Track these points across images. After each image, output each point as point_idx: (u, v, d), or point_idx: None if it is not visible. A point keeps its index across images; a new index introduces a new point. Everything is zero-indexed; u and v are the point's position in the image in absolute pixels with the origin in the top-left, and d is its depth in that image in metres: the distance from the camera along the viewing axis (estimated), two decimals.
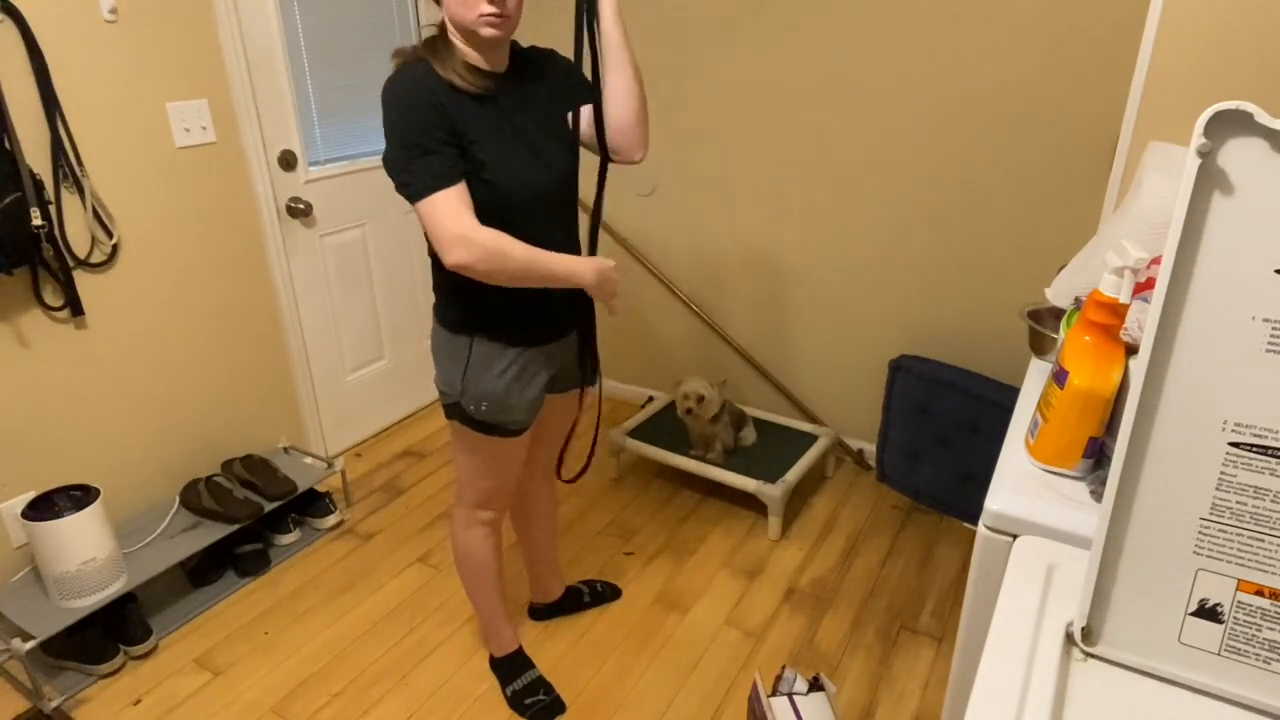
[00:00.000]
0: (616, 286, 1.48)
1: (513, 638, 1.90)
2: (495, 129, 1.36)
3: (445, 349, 1.52)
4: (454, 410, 1.55)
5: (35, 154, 1.88)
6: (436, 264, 1.48)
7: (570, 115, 1.49)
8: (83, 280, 2.02)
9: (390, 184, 2.84)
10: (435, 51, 1.34)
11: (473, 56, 1.36)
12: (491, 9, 1.28)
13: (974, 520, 1.57)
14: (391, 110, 1.30)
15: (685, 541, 2.40)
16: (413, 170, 1.29)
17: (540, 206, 1.43)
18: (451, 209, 1.29)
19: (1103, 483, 0.93)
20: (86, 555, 1.87)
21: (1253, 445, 0.69)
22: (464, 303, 1.46)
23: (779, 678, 1.64)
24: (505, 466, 1.63)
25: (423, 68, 1.32)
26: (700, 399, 2.39)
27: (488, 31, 1.31)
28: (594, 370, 1.72)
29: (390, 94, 1.31)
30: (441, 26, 1.37)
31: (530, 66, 1.45)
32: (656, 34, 2.63)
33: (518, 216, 1.39)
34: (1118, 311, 1.01)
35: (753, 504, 2.54)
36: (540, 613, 2.09)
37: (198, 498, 2.21)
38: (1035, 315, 1.42)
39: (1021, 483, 1.05)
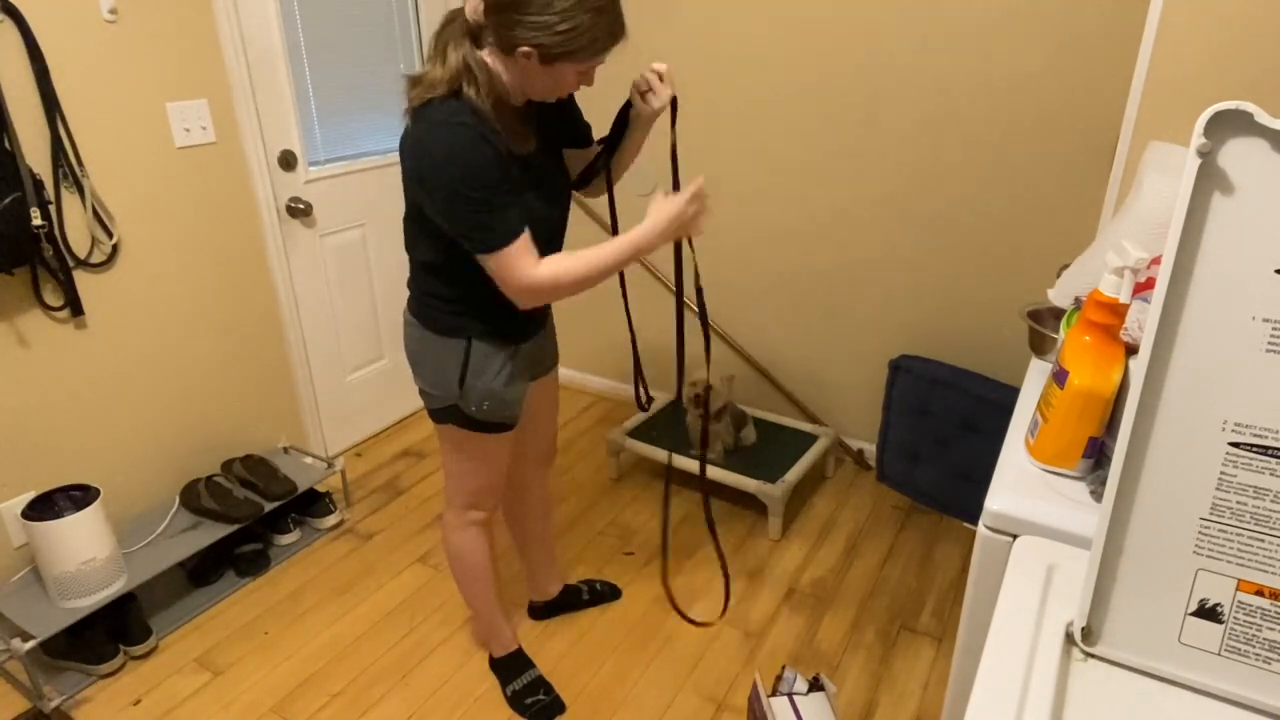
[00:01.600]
0: (701, 207, 1.45)
1: (512, 638, 1.90)
2: (525, 169, 1.41)
3: (438, 353, 1.51)
4: (448, 413, 1.55)
5: (35, 154, 1.88)
6: (423, 270, 1.48)
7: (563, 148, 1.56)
8: (83, 280, 2.02)
9: (391, 185, 2.84)
10: (474, 88, 1.30)
11: (506, 95, 1.35)
12: (576, 88, 1.37)
13: (974, 520, 1.57)
14: (454, 165, 1.26)
15: (685, 541, 2.40)
16: (488, 225, 1.30)
17: (549, 235, 1.49)
18: (525, 258, 1.33)
19: (1103, 483, 0.93)
20: (86, 555, 1.87)
21: (1253, 445, 0.69)
22: (459, 308, 1.47)
23: (779, 678, 1.64)
24: (497, 463, 1.65)
25: (470, 118, 1.28)
26: (709, 388, 2.40)
27: (554, 99, 1.39)
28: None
29: (449, 148, 1.26)
30: (472, 60, 1.31)
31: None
32: (655, 35, 2.63)
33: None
34: (1118, 311, 1.01)
35: (753, 504, 2.54)
36: (539, 611, 2.09)
37: (198, 498, 2.21)
38: (1035, 315, 1.42)
39: (1021, 483, 1.05)
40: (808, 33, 2.38)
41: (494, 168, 1.28)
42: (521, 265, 1.33)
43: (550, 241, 1.49)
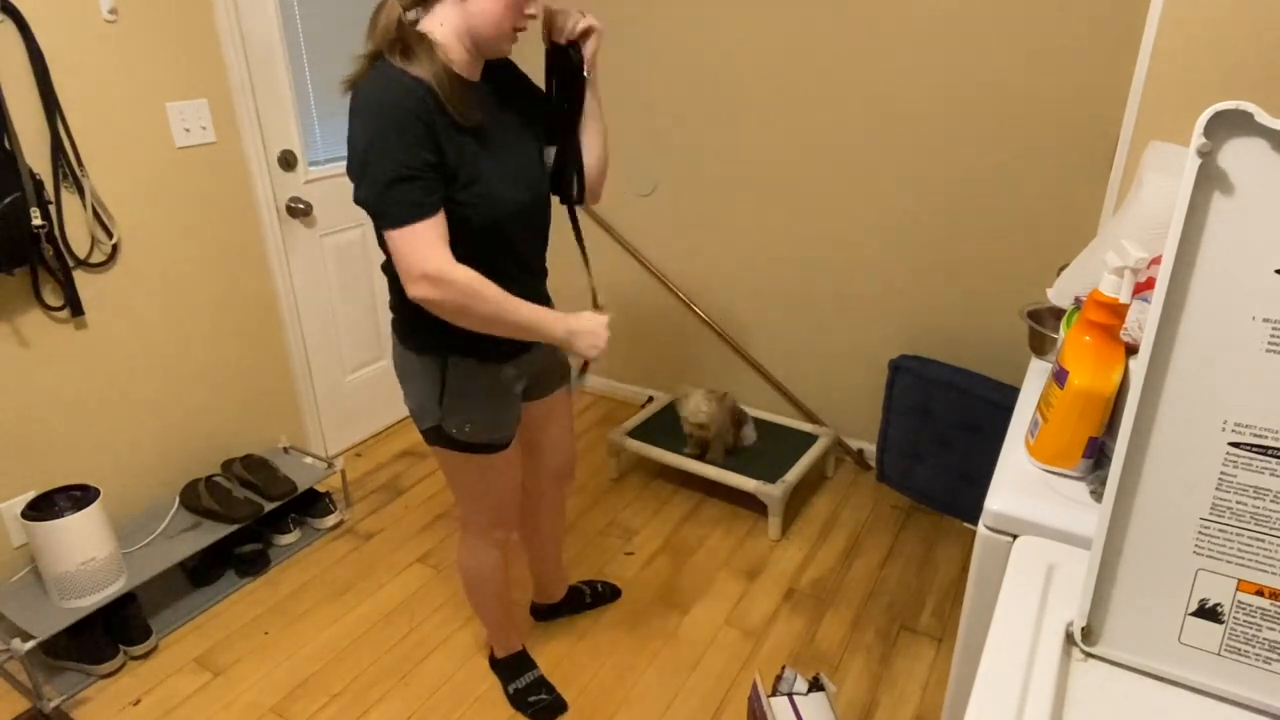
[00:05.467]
0: (602, 341, 1.37)
1: (517, 638, 1.90)
2: (480, 144, 1.30)
3: (416, 373, 1.45)
4: (435, 435, 1.49)
5: (35, 154, 1.88)
6: (397, 284, 1.39)
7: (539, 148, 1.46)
8: (83, 280, 2.02)
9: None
10: (413, 56, 1.21)
11: (458, 63, 1.27)
12: (524, 24, 1.28)
13: (974, 520, 1.57)
14: (372, 123, 1.18)
15: (685, 541, 2.40)
16: (389, 197, 1.19)
17: (523, 225, 1.40)
18: (427, 242, 1.20)
19: (1103, 483, 0.93)
20: (86, 555, 1.87)
21: (1253, 445, 0.69)
22: (434, 324, 1.35)
23: (779, 678, 1.64)
24: (504, 479, 1.59)
25: (408, 77, 1.20)
26: (702, 425, 2.42)
27: (508, 46, 1.30)
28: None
29: (372, 105, 1.19)
30: (406, 26, 1.25)
31: (499, 77, 1.40)
32: (661, 39, 2.63)
33: (503, 235, 1.36)
34: (1118, 311, 1.01)
35: (753, 504, 2.54)
36: (542, 613, 2.09)
37: (198, 498, 2.21)
38: (1035, 315, 1.42)
39: (1021, 483, 1.05)
40: (808, 35, 2.38)
41: (417, 123, 1.18)
42: (423, 252, 1.19)
43: (528, 230, 1.41)
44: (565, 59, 1.41)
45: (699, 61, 2.60)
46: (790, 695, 1.58)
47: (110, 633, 1.96)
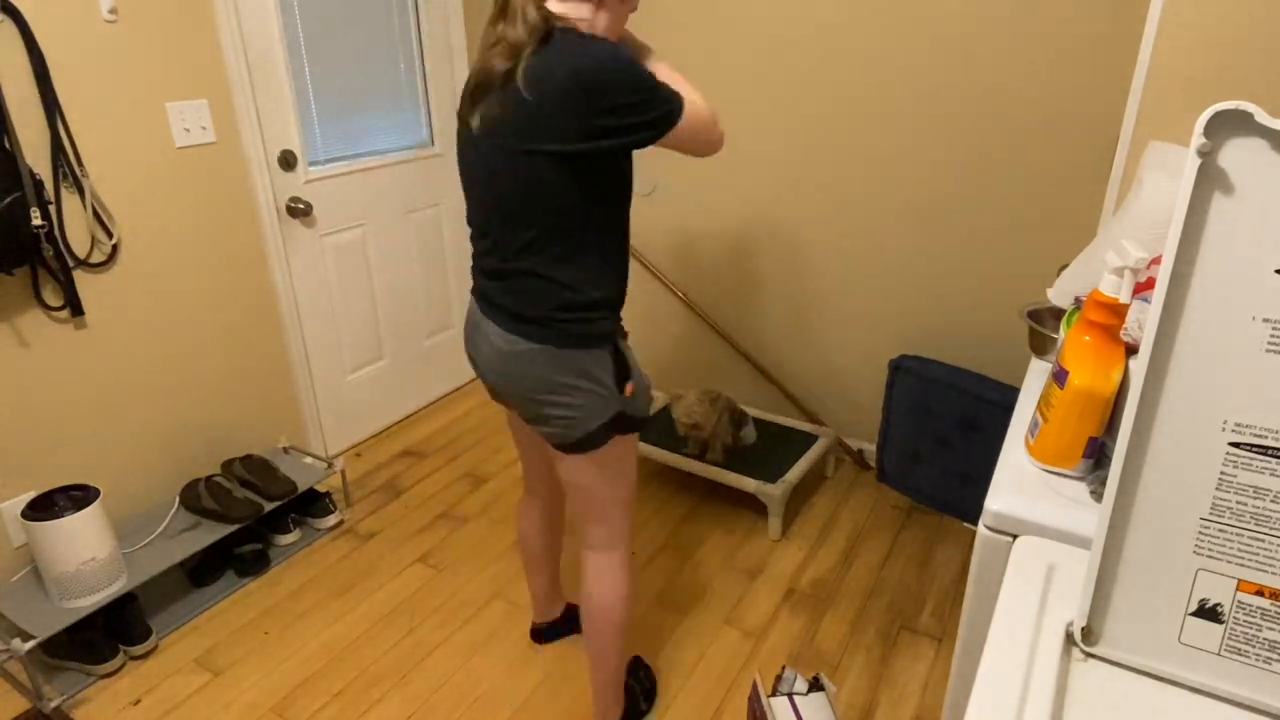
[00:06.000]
0: None
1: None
2: None
3: (584, 371, 1.37)
4: (611, 426, 1.41)
5: (35, 154, 1.88)
6: (550, 276, 1.33)
7: None
8: (82, 280, 2.02)
9: (391, 185, 2.82)
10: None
11: None
12: None
13: (974, 520, 1.57)
14: (618, 66, 1.22)
15: (685, 541, 2.40)
16: (660, 101, 1.26)
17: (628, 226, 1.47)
18: (693, 105, 1.32)
19: (1103, 483, 0.93)
20: (86, 555, 1.87)
21: (1253, 445, 0.69)
22: (608, 310, 1.38)
23: (779, 678, 1.64)
24: (634, 469, 1.54)
25: None
26: (695, 425, 2.42)
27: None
28: None
29: (603, 56, 1.22)
30: (552, 17, 1.29)
31: None
32: (657, 40, 2.63)
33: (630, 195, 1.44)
34: (1118, 311, 1.01)
35: (753, 504, 2.54)
36: (542, 635, 2.02)
37: (198, 498, 2.21)
38: (1035, 315, 1.42)
39: (1021, 483, 1.05)
40: (810, 35, 2.38)
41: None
42: (700, 110, 1.30)
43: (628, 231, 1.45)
44: None
45: (695, 62, 2.60)
46: (790, 695, 1.58)
47: (110, 633, 1.96)
